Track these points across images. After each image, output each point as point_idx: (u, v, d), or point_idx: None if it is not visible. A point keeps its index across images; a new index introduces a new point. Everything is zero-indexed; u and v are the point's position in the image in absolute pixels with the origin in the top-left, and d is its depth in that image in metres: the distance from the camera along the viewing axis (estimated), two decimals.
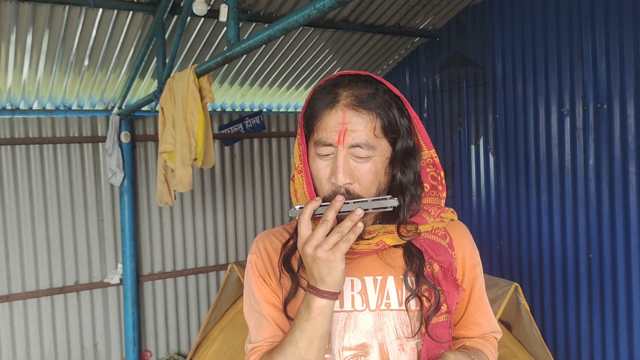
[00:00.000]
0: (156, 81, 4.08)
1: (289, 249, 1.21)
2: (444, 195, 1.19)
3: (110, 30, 3.69)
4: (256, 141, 5.35)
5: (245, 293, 1.27)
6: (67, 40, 3.70)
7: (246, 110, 5.35)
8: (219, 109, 5.22)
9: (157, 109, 3.44)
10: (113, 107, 4.68)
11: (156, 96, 3.46)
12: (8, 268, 4.35)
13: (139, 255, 4.83)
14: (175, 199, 3.57)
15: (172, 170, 3.24)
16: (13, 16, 3.35)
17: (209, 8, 3.40)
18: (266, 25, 3.70)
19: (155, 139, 4.78)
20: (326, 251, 1.00)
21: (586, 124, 3.57)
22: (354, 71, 1.13)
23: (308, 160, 1.14)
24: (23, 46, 3.65)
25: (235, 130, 5.18)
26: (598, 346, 3.59)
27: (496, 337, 1.29)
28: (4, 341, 4.37)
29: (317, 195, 1.12)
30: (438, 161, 1.18)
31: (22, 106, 4.37)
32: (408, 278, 1.16)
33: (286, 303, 1.17)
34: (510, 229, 4.15)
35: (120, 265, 4.72)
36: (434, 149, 1.17)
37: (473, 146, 4.44)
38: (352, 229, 1.02)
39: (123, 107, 4.59)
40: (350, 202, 1.05)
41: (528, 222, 4.00)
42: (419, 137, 1.17)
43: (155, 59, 4.02)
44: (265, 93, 5.18)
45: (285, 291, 1.18)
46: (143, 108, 4.42)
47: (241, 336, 3.39)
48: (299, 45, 4.42)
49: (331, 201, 1.04)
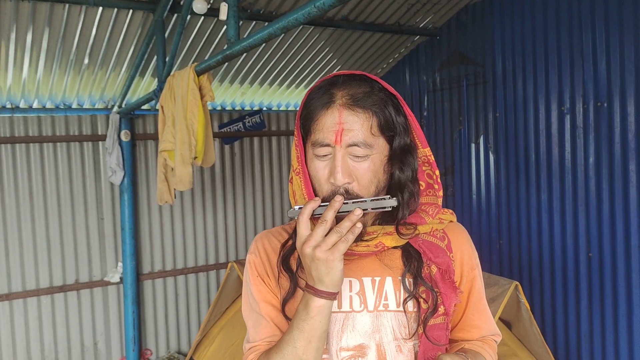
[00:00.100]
0: (156, 80, 4.08)
1: (288, 249, 1.21)
2: (441, 194, 1.18)
3: (110, 28, 3.69)
4: (256, 140, 5.35)
5: (244, 292, 1.27)
6: (67, 38, 3.70)
7: (246, 108, 5.35)
8: (219, 108, 5.22)
9: (157, 108, 3.44)
10: (113, 106, 4.68)
11: (156, 95, 3.46)
12: (8, 267, 4.36)
13: (139, 253, 4.83)
14: (175, 198, 3.57)
15: (172, 168, 3.24)
16: (13, 14, 3.34)
17: (209, 6, 3.40)
18: (266, 23, 3.70)
19: (155, 138, 4.78)
20: (325, 251, 1.00)
21: (586, 123, 3.57)
22: (349, 71, 1.13)
23: (306, 161, 1.14)
24: (23, 44, 3.65)
25: (235, 128, 5.17)
26: (598, 345, 3.59)
27: (495, 340, 1.29)
28: (4, 340, 4.38)
29: (317, 196, 1.12)
30: (433, 160, 1.17)
31: (22, 105, 4.37)
32: (406, 279, 1.16)
33: (284, 303, 1.17)
34: (510, 228, 4.15)
35: (120, 263, 4.73)
36: (429, 147, 1.17)
37: (473, 145, 4.44)
38: (351, 229, 1.02)
39: (123, 106, 4.59)
40: (349, 202, 1.05)
41: (528, 221, 3.99)
42: (415, 135, 1.16)
43: (155, 58, 4.02)
44: (265, 91, 5.18)
45: (283, 291, 1.18)
46: (143, 107, 4.42)
47: (241, 335, 3.39)
48: (299, 43, 4.42)
49: (330, 201, 1.04)
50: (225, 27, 3.86)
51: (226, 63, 3.25)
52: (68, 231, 4.55)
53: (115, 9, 3.53)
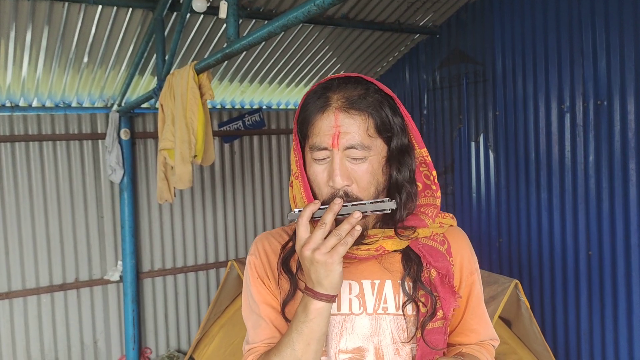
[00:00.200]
0: (156, 78, 4.07)
1: (288, 251, 1.20)
2: (439, 194, 1.18)
3: (109, 27, 3.69)
4: (256, 138, 5.34)
5: (244, 293, 1.27)
6: (67, 37, 3.69)
7: (246, 107, 5.34)
8: (219, 106, 5.21)
9: (157, 106, 3.44)
10: (112, 104, 4.68)
11: (156, 93, 3.45)
12: (8, 265, 4.35)
13: (139, 252, 4.83)
14: (175, 196, 3.57)
15: (172, 167, 3.24)
16: (12, 13, 3.34)
17: (209, 5, 3.39)
18: (266, 22, 3.70)
19: (154, 136, 4.78)
20: (324, 254, 1.00)
21: (586, 121, 3.57)
22: (344, 74, 1.13)
23: (305, 165, 1.15)
24: (22, 43, 3.65)
25: (234, 127, 5.17)
26: (598, 343, 3.59)
27: (493, 345, 1.29)
28: (4, 338, 4.38)
29: (317, 199, 1.11)
30: (430, 160, 1.17)
31: (22, 103, 4.37)
32: (405, 283, 1.16)
33: (284, 305, 1.17)
34: (510, 226, 4.15)
35: (120, 262, 4.73)
36: (425, 148, 1.17)
37: (473, 143, 4.44)
38: (350, 232, 1.01)
39: (123, 104, 4.58)
40: (348, 205, 1.04)
41: (528, 219, 3.99)
42: (411, 136, 1.16)
43: (154, 56, 4.01)
44: (265, 90, 5.17)
45: (283, 293, 1.18)
46: (143, 105, 4.41)
47: (241, 333, 3.39)
48: (299, 42, 4.42)
49: (329, 204, 1.04)
50: (224, 26, 3.86)
51: (226, 61, 3.24)
52: (68, 230, 4.55)
53: (114, 7, 3.53)
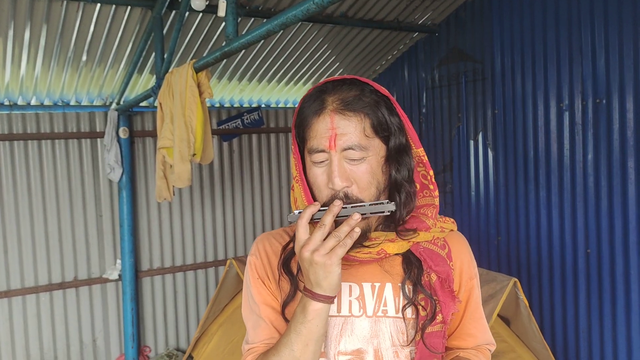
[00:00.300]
0: (154, 76, 4.07)
1: (289, 252, 1.21)
2: (436, 194, 1.18)
3: (108, 25, 3.68)
4: (254, 137, 5.34)
5: (244, 294, 1.27)
6: (65, 35, 3.69)
7: (245, 105, 5.34)
8: (218, 105, 5.21)
9: (156, 105, 3.44)
10: (111, 103, 4.67)
11: (154, 92, 3.45)
12: (7, 264, 4.35)
13: (138, 251, 4.83)
14: (174, 195, 3.57)
15: (171, 165, 3.24)
16: (10, 11, 3.33)
17: (207, 3, 3.38)
18: (265, 20, 3.69)
19: (153, 135, 4.77)
20: (323, 255, 1.00)
21: (585, 119, 3.57)
22: (340, 76, 1.14)
23: (305, 168, 1.15)
24: (21, 41, 3.64)
25: (233, 125, 5.17)
26: (596, 341, 3.60)
27: (490, 349, 1.30)
28: (3, 337, 4.37)
29: (317, 202, 1.12)
30: (427, 160, 1.17)
31: (20, 102, 4.36)
32: (406, 286, 1.16)
33: (285, 305, 1.18)
34: (508, 224, 4.15)
35: (119, 261, 4.72)
36: (422, 148, 1.17)
37: (472, 141, 4.44)
38: (349, 234, 1.02)
39: (121, 103, 4.58)
40: (347, 207, 1.05)
41: (527, 218, 4.00)
42: (408, 136, 1.16)
43: (153, 54, 4.00)
44: (263, 88, 5.17)
45: (284, 294, 1.19)
46: (141, 103, 4.41)
47: (240, 331, 3.40)
48: (298, 40, 4.41)
49: (329, 206, 1.05)
50: (223, 24, 3.86)
51: (225, 60, 3.24)
52: (67, 228, 4.55)
53: (113, 6, 3.52)
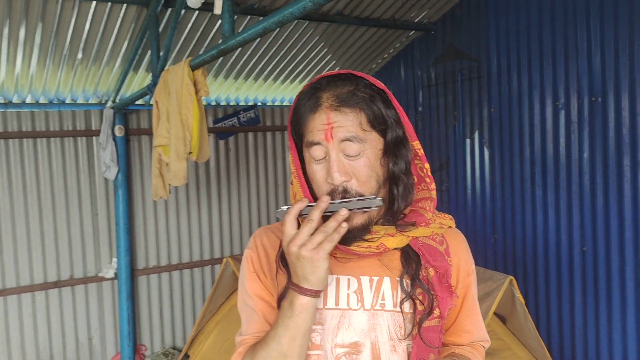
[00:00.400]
0: (150, 74, 4.06)
1: None
2: (433, 187, 1.19)
3: (103, 23, 3.67)
4: (251, 135, 5.34)
5: (239, 286, 1.28)
6: (61, 33, 3.67)
7: (241, 104, 5.33)
8: (214, 103, 5.20)
9: (152, 103, 3.43)
10: (107, 101, 4.66)
11: (150, 90, 3.44)
12: (2, 263, 4.34)
13: (134, 249, 4.82)
14: (170, 193, 3.56)
15: (167, 164, 3.23)
16: (5, 9, 3.32)
17: (203, 1, 3.37)
18: (261, 18, 3.69)
19: (149, 133, 4.76)
20: (310, 250, 1.02)
21: (581, 118, 3.58)
22: (334, 71, 1.14)
23: (303, 165, 1.16)
24: (16, 39, 3.62)
25: (230, 124, 5.16)
26: (592, 338, 3.61)
27: (484, 346, 1.31)
28: None
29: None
30: (422, 153, 1.18)
31: (15, 100, 4.34)
32: (404, 280, 1.17)
33: (281, 298, 1.18)
34: (504, 223, 4.16)
35: (114, 259, 4.71)
36: (418, 141, 1.17)
37: (468, 140, 4.44)
38: (337, 229, 1.03)
39: (117, 101, 4.56)
40: (335, 203, 1.06)
41: (523, 216, 4.01)
42: (405, 129, 1.17)
43: (149, 52, 4.00)
44: (260, 87, 5.16)
45: (280, 287, 1.19)
46: (137, 102, 4.39)
47: (236, 330, 3.40)
48: (294, 38, 4.41)
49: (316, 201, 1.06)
50: (219, 22, 3.85)
51: (221, 58, 3.23)
52: (62, 227, 4.54)
53: (108, 4, 3.51)
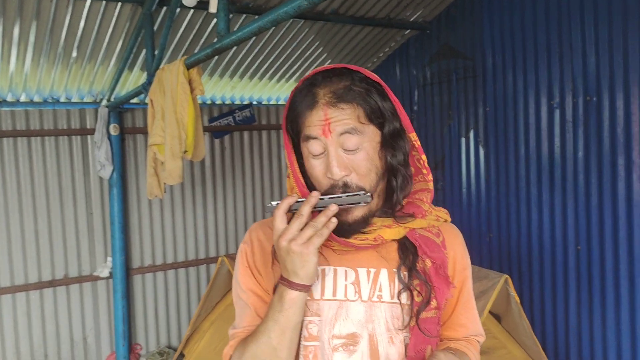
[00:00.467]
0: (145, 73, 4.05)
1: None
2: (430, 178, 1.20)
3: (98, 21, 3.66)
4: (246, 134, 5.33)
5: (234, 280, 1.29)
6: (55, 31, 3.66)
7: (236, 102, 5.33)
8: (209, 102, 5.20)
9: (147, 101, 3.42)
10: (102, 100, 4.64)
11: (145, 88, 3.43)
12: None
13: (129, 248, 4.81)
14: (165, 192, 3.56)
15: (162, 162, 3.22)
16: (0, 7, 3.30)
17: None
18: (256, 16, 3.68)
19: (144, 132, 4.75)
20: (300, 245, 1.03)
21: (576, 117, 3.59)
22: (329, 66, 1.14)
23: (301, 158, 1.17)
24: (10, 38, 3.61)
25: (225, 122, 5.16)
26: (586, 336, 3.62)
27: (479, 341, 1.31)
28: None
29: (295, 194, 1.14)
30: (419, 145, 1.18)
31: (10, 98, 4.32)
32: (401, 272, 1.18)
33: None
34: (500, 221, 4.17)
35: (109, 258, 4.70)
36: (414, 132, 1.18)
37: (463, 139, 4.45)
38: (326, 224, 1.04)
39: (112, 100, 4.55)
40: (325, 198, 1.07)
41: (518, 215, 4.02)
42: (401, 121, 1.17)
43: (144, 51, 3.98)
44: (255, 85, 5.16)
45: (276, 278, 1.19)
46: (132, 100, 4.39)
47: None
48: (289, 37, 4.41)
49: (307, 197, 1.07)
50: (215, 20, 3.84)
51: (216, 56, 3.23)
52: (57, 226, 4.52)
53: (103, 2, 3.50)
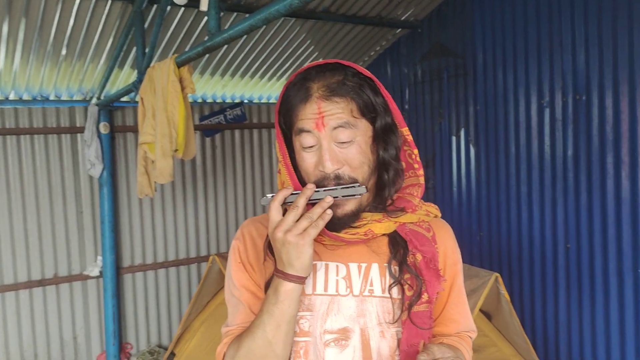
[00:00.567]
0: (136, 71, 4.03)
1: None
2: (421, 172, 1.21)
3: (88, 19, 3.63)
4: (237, 132, 5.32)
5: (226, 277, 1.29)
6: (44, 29, 3.63)
7: (227, 101, 5.31)
8: (200, 100, 5.18)
9: (137, 100, 3.41)
10: (92, 98, 4.62)
11: (136, 86, 3.42)
12: None
13: (119, 247, 4.79)
14: (155, 191, 3.54)
15: (153, 161, 3.21)
16: None
17: None
18: (247, 15, 3.67)
19: (134, 130, 4.73)
20: (295, 236, 1.03)
21: (565, 116, 3.61)
22: (322, 61, 1.15)
23: (293, 152, 1.17)
24: None
25: (216, 121, 5.14)
26: (576, 334, 3.65)
27: (471, 336, 1.32)
28: None
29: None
30: (411, 139, 1.19)
31: None
32: (392, 266, 1.19)
33: (268, 286, 1.18)
34: (490, 220, 4.19)
35: (100, 257, 4.68)
36: (407, 127, 1.19)
37: (454, 137, 4.46)
38: (322, 216, 1.05)
39: (102, 98, 4.53)
40: (320, 191, 1.08)
41: (508, 213, 4.03)
42: (393, 116, 1.19)
43: (134, 49, 3.96)
44: (246, 84, 5.15)
45: (268, 274, 1.20)
46: (122, 98, 4.37)
47: None
48: (281, 35, 4.40)
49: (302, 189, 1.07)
50: (206, 19, 3.83)
51: (207, 55, 3.22)
52: (46, 225, 4.49)
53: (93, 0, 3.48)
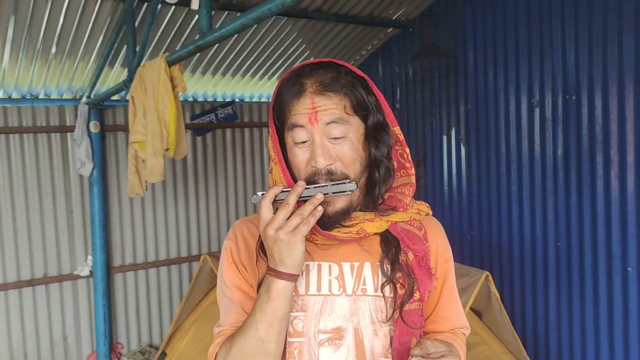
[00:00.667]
0: (126, 70, 4.01)
1: None
2: (413, 171, 1.22)
3: (78, 17, 3.61)
4: (228, 131, 5.31)
5: (218, 277, 1.29)
6: (34, 27, 3.61)
7: (218, 100, 5.30)
8: (191, 99, 5.16)
9: (128, 98, 3.39)
10: (82, 96, 4.59)
11: (126, 85, 3.40)
12: None
13: (110, 246, 4.76)
14: (146, 190, 3.53)
15: (144, 160, 3.20)
16: None
17: None
18: (239, 13, 3.67)
19: (125, 129, 4.71)
20: (287, 233, 1.03)
21: (555, 115, 3.63)
22: (315, 59, 1.16)
23: (285, 150, 1.17)
24: None
25: (207, 120, 5.13)
26: (565, 332, 3.67)
27: (464, 333, 1.33)
28: None
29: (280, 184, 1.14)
30: (403, 138, 1.20)
31: None
32: (384, 265, 1.19)
33: (260, 286, 1.18)
34: (481, 219, 4.21)
35: (90, 257, 4.65)
36: (398, 126, 1.20)
37: (445, 137, 4.48)
38: (313, 213, 1.05)
39: (92, 96, 4.50)
40: (310, 188, 1.08)
41: (498, 212, 4.05)
42: (385, 115, 1.19)
43: (125, 47, 3.94)
44: (237, 83, 5.14)
45: (261, 275, 1.20)
46: (113, 97, 4.35)
47: None
48: (272, 34, 4.39)
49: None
50: (197, 17, 3.82)
51: (198, 54, 3.21)
52: (36, 224, 4.46)
53: None
